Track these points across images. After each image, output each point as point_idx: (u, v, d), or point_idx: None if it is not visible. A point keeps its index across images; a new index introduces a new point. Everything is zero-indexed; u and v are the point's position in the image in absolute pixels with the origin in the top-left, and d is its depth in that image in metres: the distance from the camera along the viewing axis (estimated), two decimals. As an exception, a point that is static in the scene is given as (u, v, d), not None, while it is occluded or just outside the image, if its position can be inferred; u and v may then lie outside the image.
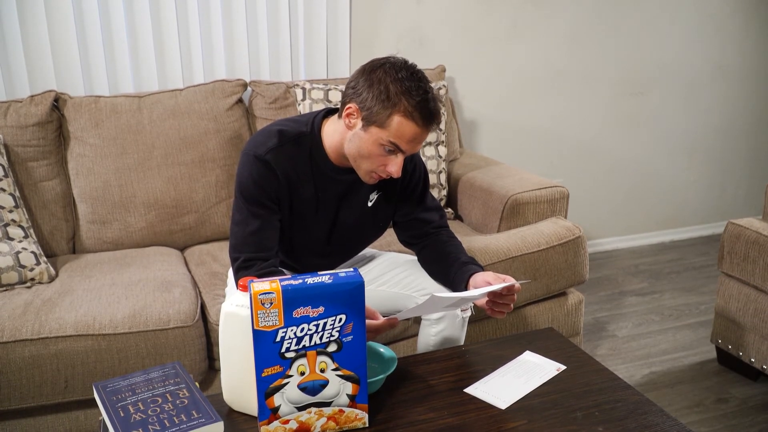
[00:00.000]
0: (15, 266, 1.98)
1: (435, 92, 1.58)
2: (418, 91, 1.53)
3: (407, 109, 1.52)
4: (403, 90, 1.52)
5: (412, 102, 1.52)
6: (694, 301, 3.03)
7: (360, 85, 1.57)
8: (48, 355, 1.78)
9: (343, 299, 1.27)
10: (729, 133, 3.67)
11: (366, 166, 1.61)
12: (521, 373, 1.54)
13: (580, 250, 2.24)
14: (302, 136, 1.68)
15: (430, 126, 1.57)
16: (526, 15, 3.07)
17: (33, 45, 2.40)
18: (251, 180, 1.63)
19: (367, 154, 1.59)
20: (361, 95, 1.57)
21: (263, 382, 1.28)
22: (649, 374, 2.47)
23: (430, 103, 1.54)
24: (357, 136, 1.59)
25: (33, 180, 2.24)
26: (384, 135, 1.55)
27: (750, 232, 2.23)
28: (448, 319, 1.77)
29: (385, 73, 1.55)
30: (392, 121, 1.53)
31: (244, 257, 1.64)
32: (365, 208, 1.77)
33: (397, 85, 1.53)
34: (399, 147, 1.56)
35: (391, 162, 1.59)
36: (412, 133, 1.55)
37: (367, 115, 1.56)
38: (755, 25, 3.50)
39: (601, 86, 3.33)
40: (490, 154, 3.05)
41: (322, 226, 1.75)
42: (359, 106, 1.57)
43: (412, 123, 1.53)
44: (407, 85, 1.53)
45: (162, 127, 2.33)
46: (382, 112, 1.53)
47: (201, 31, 2.57)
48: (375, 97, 1.54)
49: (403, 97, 1.52)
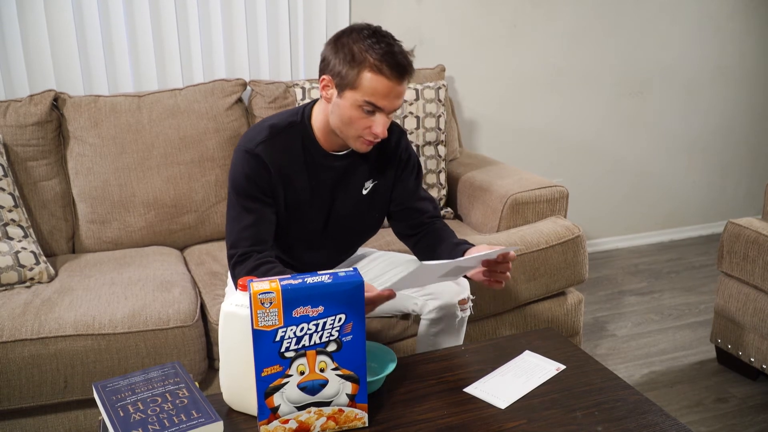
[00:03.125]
0: (14, 266, 1.98)
1: (402, 47, 1.59)
2: (381, 44, 1.55)
3: (374, 64, 1.54)
4: (366, 47, 1.55)
5: (376, 56, 1.54)
6: (694, 300, 3.03)
7: (328, 55, 1.60)
8: (47, 355, 1.78)
9: (343, 299, 1.27)
10: (728, 133, 3.67)
11: (352, 132, 1.62)
12: (521, 373, 1.54)
13: (580, 249, 2.24)
14: (293, 125, 1.71)
15: (401, 77, 1.57)
16: (525, 15, 3.07)
17: (32, 44, 2.40)
18: (243, 175, 1.65)
19: (349, 120, 1.60)
20: (330, 65, 1.59)
21: (263, 382, 1.28)
22: (648, 374, 2.47)
23: (397, 55, 1.55)
24: (336, 106, 1.61)
25: (32, 179, 2.23)
26: (359, 96, 1.56)
27: (749, 231, 2.23)
28: (447, 319, 1.77)
29: (348, 37, 1.58)
30: (362, 79, 1.55)
31: (240, 251, 1.65)
32: (360, 196, 1.78)
33: (360, 44, 1.55)
34: (375, 105, 1.57)
35: (374, 123, 1.60)
36: (383, 88, 1.55)
37: (339, 81, 1.58)
38: (755, 26, 3.50)
39: (600, 86, 3.33)
40: (489, 153, 3.05)
41: (318, 215, 1.75)
42: (330, 75, 1.60)
43: (381, 77, 1.54)
44: (369, 42, 1.55)
45: (161, 126, 2.33)
46: (350, 73, 1.55)
47: (201, 30, 2.57)
48: (342, 62, 1.56)
49: (367, 53, 1.54)
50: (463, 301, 1.77)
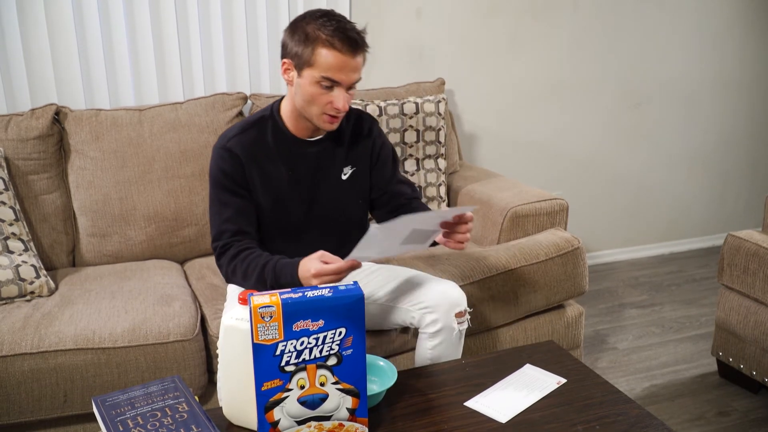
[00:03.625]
0: (15, 279, 1.98)
1: (353, 24, 1.68)
2: (332, 21, 1.65)
3: (326, 40, 1.63)
4: (318, 26, 1.65)
5: (327, 32, 1.64)
6: (695, 313, 3.03)
7: (285, 40, 1.71)
8: (47, 369, 1.77)
9: (343, 312, 1.27)
10: (728, 146, 3.68)
11: (315, 110, 1.71)
12: (521, 387, 1.53)
13: (579, 261, 2.24)
14: (263, 118, 1.82)
15: (354, 51, 1.65)
16: (525, 28, 3.09)
17: (34, 58, 2.41)
18: (219, 169, 1.76)
19: (310, 97, 1.69)
20: (287, 48, 1.70)
21: (263, 396, 1.27)
22: (649, 387, 2.46)
23: (348, 31, 1.65)
24: (298, 86, 1.71)
25: (33, 193, 2.24)
26: (316, 72, 1.65)
27: (750, 244, 2.23)
28: (445, 333, 1.76)
29: (302, 21, 1.69)
30: (317, 56, 1.64)
31: (222, 243, 1.75)
32: (340, 182, 1.85)
33: (312, 24, 1.66)
34: (332, 79, 1.65)
35: (334, 98, 1.68)
36: (338, 62, 1.64)
37: (297, 61, 1.68)
38: (754, 39, 3.52)
39: (600, 99, 3.34)
40: (489, 166, 3.06)
41: (300, 204, 1.82)
42: (289, 58, 1.70)
43: (334, 51, 1.64)
44: (321, 21, 1.65)
45: (162, 140, 2.34)
46: (306, 51, 1.65)
47: (202, 44, 2.58)
48: (298, 43, 1.67)
49: (319, 31, 1.64)
50: (460, 313, 1.77)
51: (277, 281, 1.65)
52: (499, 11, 3.02)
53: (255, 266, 1.70)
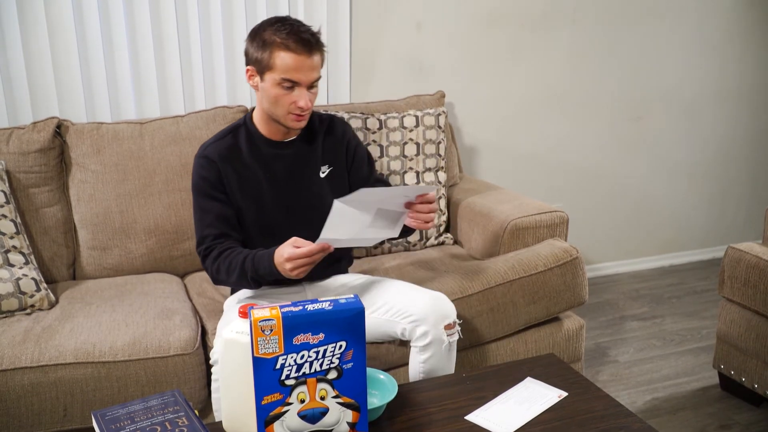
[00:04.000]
0: (15, 293, 1.97)
1: (306, 26, 1.77)
2: (285, 25, 1.75)
3: (281, 43, 1.73)
4: (273, 31, 1.75)
5: (282, 36, 1.73)
6: (696, 325, 3.02)
7: (247, 48, 1.81)
8: (47, 383, 1.77)
9: (344, 326, 1.27)
10: (729, 157, 3.69)
11: (280, 111, 1.80)
12: (522, 400, 1.53)
13: (579, 270, 2.23)
14: (236, 126, 1.92)
15: (309, 50, 1.74)
16: (525, 41, 3.10)
17: (36, 72, 2.42)
18: (198, 176, 1.86)
19: (275, 99, 1.78)
20: (249, 55, 1.81)
21: (263, 410, 1.27)
22: (651, 400, 2.45)
23: (301, 33, 1.74)
24: (262, 90, 1.80)
25: (34, 206, 2.24)
26: (276, 75, 1.75)
27: (750, 256, 2.23)
28: (435, 346, 1.76)
29: (259, 28, 1.79)
30: (275, 59, 1.74)
31: (205, 246, 1.83)
32: (318, 179, 1.92)
33: (269, 30, 1.75)
34: (292, 80, 1.75)
35: (297, 97, 1.77)
36: (294, 62, 1.73)
37: (258, 67, 1.78)
38: (753, 50, 3.53)
39: (600, 111, 3.35)
40: (489, 179, 3.06)
41: (280, 204, 1.89)
42: (251, 65, 1.80)
43: (290, 52, 1.73)
44: (276, 26, 1.75)
45: (163, 153, 2.34)
46: (264, 56, 1.75)
47: (203, 57, 2.59)
48: (256, 49, 1.77)
49: (274, 35, 1.74)
50: (449, 325, 1.78)
51: (257, 272, 1.73)
52: (499, 24, 3.04)
53: (236, 262, 1.77)
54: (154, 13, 2.49)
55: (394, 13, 2.87)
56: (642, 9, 3.26)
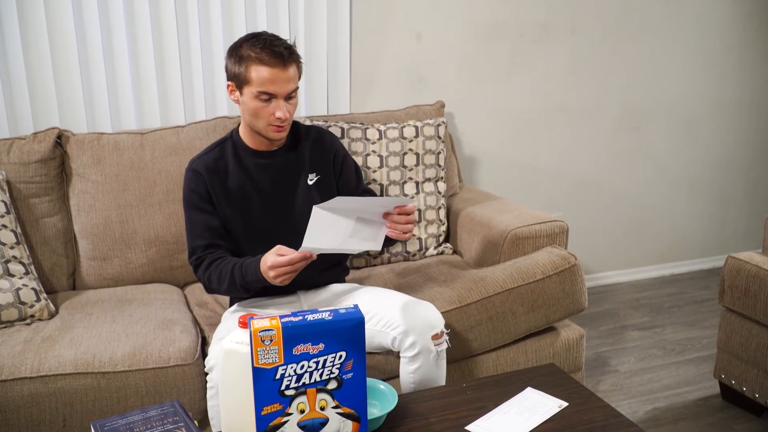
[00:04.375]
0: (15, 303, 1.97)
1: (281, 39, 1.82)
2: (259, 39, 1.80)
3: (255, 57, 1.78)
4: (248, 46, 1.80)
5: (256, 50, 1.78)
6: (696, 335, 3.01)
7: (226, 64, 1.86)
8: (47, 393, 1.77)
9: (344, 336, 1.27)
10: (728, 167, 3.69)
11: (261, 123, 1.84)
12: (523, 410, 1.53)
13: (577, 278, 2.23)
14: (224, 140, 1.97)
15: (283, 63, 1.78)
16: (524, 51, 3.11)
17: (37, 82, 2.43)
18: (187, 189, 1.92)
19: (254, 112, 1.83)
20: (227, 71, 1.86)
21: (263, 421, 1.27)
22: (652, 410, 2.45)
23: (275, 47, 1.78)
24: (242, 104, 1.85)
25: (34, 216, 2.25)
26: (253, 88, 1.79)
27: (750, 266, 2.23)
28: (424, 356, 1.77)
29: (237, 44, 1.84)
30: (250, 73, 1.79)
31: (196, 256, 1.89)
32: (307, 186, 1.96)
33: (245, 46, 1.81)
34: (268, 92, 1.79)
35: (275, 109, 1.81)
36: (269, 75, 1.78)
37: (236, 82, 1.83)
38: (751, 61, 3.55)
39: (600, 121, 3.36)
40: (489, 188, 3.06)
41: (268, 213, 1.93)
42: (230, 80, 1.85)
43: (264, 66, 1.77)
44: (251, 42, 1.80)
45: (164, 163, 2.35)
46: (241, 71, 1.80)
47: (203, 68, 2.60)
48: (234, 64, 1.82)
49: (249, 50, 1.79)
50: (436, 335, 1.78)
51: (245, 279, 1.77)
52: (499, 35, 3.05)
53: (226, 271, 1.81)
54: (155, 24, 2.51)
55: (394, 23, 2.88)
56: (641, 21, 3.28)
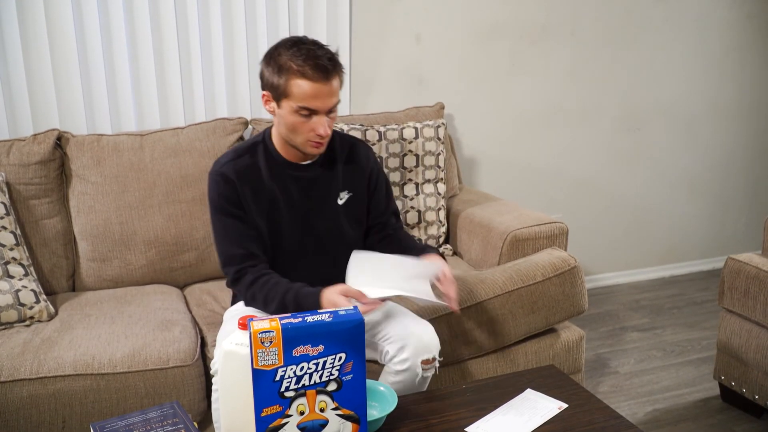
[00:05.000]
0: (14, 304, 1.97)
1: (325, 48, 1.69)
2: (301, 50, 1.66)
3: (297, 70, 1.65)
4: (289, 56, 1.67)
5: (298, 62, 1.65)
6: (696, 336, 3.01)
7: (262, 71, 1.73)
8: (46, 395, 1.77)
9: (343, 337, 1.27)
10: (727, 169, 3.70)
11: (299, 138, 1.73)
12: (523, 412, 1.52)
13: (577, 280, 2.22)
14: (255, 144, 1.84)
15: (326, 77, 1.66)
16: (524, 53, 3.11)
17: (37, 84, 2.43)
18: (216, 194, 1.78)
19: (292, 126, 1.71)
20: (264, 80, 1.73)
21: (262, 422, 1.27)
22: (652, 411, 2.45)
23: (317, 58, 1.65)
24: (279, 116, 1.73)
25: (34, 218, 2.24)
26: (293, 102, 1.67)
27: (750, 267, 2.23)
28: (409, 374, 1.72)
29: (275, 51, 1.71)
30: (291, 86, 1.66)
31: (235, 269, 1.76)
32: (336, 205, 1.86)
33: (285, 55, 1.67)
34: (309, 108, 1.67)
35: (315, 125, 1.69)
36: (311, 90, 1.66)
37: (274, 93, 1.70)
38: (750, 63, 3.55)
39: (599, 122, 3.36)
40: (489, 190, 3.06)
41: (295, 227, 1.83)
42: (267, 90, 1.73)
43: (306, 80, 1.65)
44: (292, 51, 1.67)
45: (163, 165, 2.35)
46: (281, 83, 1.67)
47: (203, 69, 2.60)
48: (272, 74, 1.69)
49: (290, 61, 1.66)
50: (427, 360, 1.72)
51: (299, 307, 1.66)
52: (498, 36, 3.05)
53: (274, 294, 1.71)
54: (155, 25, 2.51)
55: (394, 25, 2.89)
56: (641, 22, 3.28)
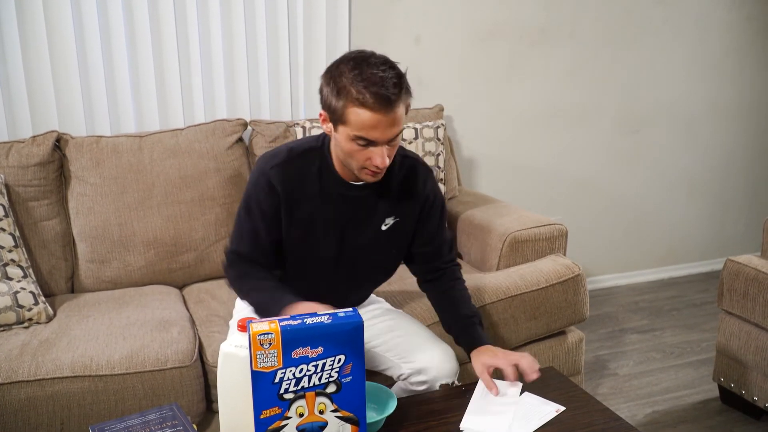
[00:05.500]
0: (13, 306, 1.97)
1: (389, 72, 1.49)
2: (363, 75, 1.47)
3: (356, 98, 1.47)
4: (350, 79, 1.48)
5: (358, 88, 1.47)
6: (695, 338, 3.01)
7: (322, 88, 1.56)
8: (44, 397, 1.76)
9: (343, 339, 1.27)
10: (727, 170, 3.70)
11: (354, 164, 1.57)
12: (520, 416, 1.52)
13: (580, 288, 2.23)
14: (311, 150, 1.68)
15: (388, 107, 1.47)
16: (523, 55, 3.11)
17: (36, 85, 2.43)
18: (254, 195, 1.66)
19: (349, 152, 1.55)
20: (324, 98, 1.55)
21: (261, 424, 1.27)
22: (651, 413, 2.45)
23: (379, 86, 1.46)
24: (335, 139, 1.57)
25: (33, 219, 2.24)
26: (350, 130, 1.50)
27: (749, 269, 2.23)
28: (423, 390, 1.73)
29: (336, 68, 1.52)
30: (349, 114, 1.49)
31: (231, 260, 1.70)
32: (379, 231, 1.72)
33: (345, 77, 1.49)
34: (366, 138, 1.50)
35: (372, 155, 1.53)
36: (370, 121, 1.48)
37: (332, 116, 1.54)
38: (750, 65, 3.55)
39: (599, 124, 3.36)
40: (488, 192, 3.06)
41: (330, 244, 1.71)
42: (325, 110, 1.56)
43: (366, 110, 1.47)
44: (354, 73, 1.48)
45: (162, 166, 2.35)
46: (338, 107, 1.50)
47: (202, 70, 2.60)
48: (331, 95, 1.52)
49: (350, 86, 1.48)
50: (445, 385, 1.72)
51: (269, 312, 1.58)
52: (497, 38, 3.05)
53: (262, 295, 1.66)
54: (154, 27, 2.51)
55: (393, 26, 2.89)
56: (640, 24, 3.28)
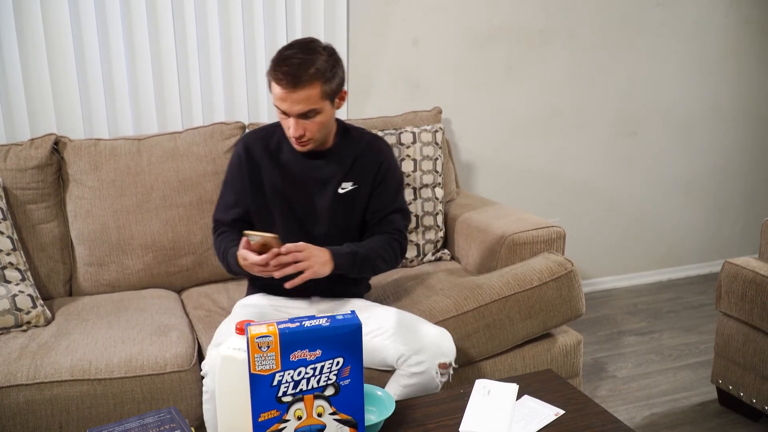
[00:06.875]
0: (11, 309, 1.97)
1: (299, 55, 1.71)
2: (280, 54, 1.73)
3: (271, 73, 1.73)
4: (276, 54, 1.74)
5: (272, 65, 1.73)
6: (694, 340, 3.02)
7: None
8: (42, 401, 1.76)
9: (341, 342, 1.27)
10: (725, 172, 3.70)
11: (286, 133, 1.82)
12: (519, 419, 1.52)
13: (574, 283, 2.22)
14: (279, 124, 1.89)
15: (293, 84, 1.70)
16: (521, 57, 3.12)
17: (34, 88, 2.43)
18: (230, 162, 1.96)
19: (279, 121, 1.82)
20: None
21: (260, 428, 1.27)
22: (650, 416, 2.45)
23: (287, 66, 1.70)
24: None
25: (31, 222, 2.24)
26: (273, 100, 1.76)
27: (747, 271, 2.23)
28: (424, 377, 1.74)
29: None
30: (271, 86, 1.75)
31: (214, 227, 1.95)
32: (336, 195, 1.90)
33: (277, 52, 1.75)
34: (280, 108, 1.75)
35: (288, 124, 1.77)
36: (279, 94, 1.73)
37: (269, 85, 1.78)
38: (747, 67, 3.56)
39: (596, 126, 3.36)
40: (486, 194, 3.07)
41: (287, 211, 1.90)
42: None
43: (276, 84, 1.72)
44: (278, 53, 1.74)
45: (161, 169, 2.35)
46: (269, 78, 1.75)
47: (200, 74, 2.60)
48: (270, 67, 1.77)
49: (273, 61, 1.74)
50: (444, 365, 1.75)
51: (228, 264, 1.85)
52: (495, 40, 3.06)
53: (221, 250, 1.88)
54: (152, 30, 2.51)
55: (392, 29, 2.89)
56: (638, 27, 3.29)
